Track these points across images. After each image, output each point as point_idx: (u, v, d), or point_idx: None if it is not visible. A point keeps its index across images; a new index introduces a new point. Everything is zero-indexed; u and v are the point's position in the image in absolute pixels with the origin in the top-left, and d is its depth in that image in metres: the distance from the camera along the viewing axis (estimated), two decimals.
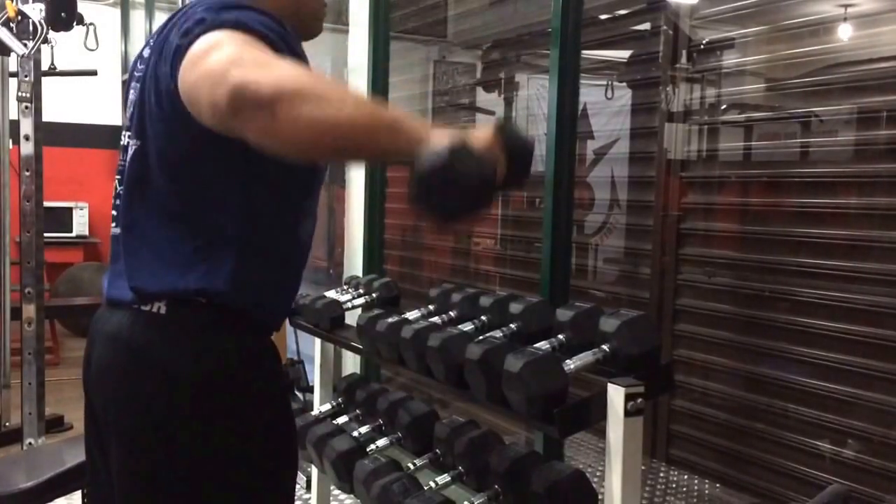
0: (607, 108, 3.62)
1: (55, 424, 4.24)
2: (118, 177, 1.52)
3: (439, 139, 1.19)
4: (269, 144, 1.20)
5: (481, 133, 1.25)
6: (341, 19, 4.34)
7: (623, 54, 3.49)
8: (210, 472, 1.42)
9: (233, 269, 1.40)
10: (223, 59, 1.21)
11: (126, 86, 1.56)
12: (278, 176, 1.43)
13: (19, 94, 3.63)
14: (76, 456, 2.25)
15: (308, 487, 3.16)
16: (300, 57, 1.38)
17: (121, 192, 1.49)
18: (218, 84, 1.18)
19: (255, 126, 1.17)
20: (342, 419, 2.65)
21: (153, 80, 1.39)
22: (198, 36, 1.28)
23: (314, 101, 1.16)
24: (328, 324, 2.64)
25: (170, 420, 1.39)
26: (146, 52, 1.48)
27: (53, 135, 4.60)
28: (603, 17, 3.49)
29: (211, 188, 1.40)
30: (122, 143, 1.53)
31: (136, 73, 1.50)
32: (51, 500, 2.20)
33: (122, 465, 1.44)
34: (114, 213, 1.52)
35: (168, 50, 1.35)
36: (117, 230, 1.50)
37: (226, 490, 1.43)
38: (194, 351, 1.41)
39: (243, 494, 1.45)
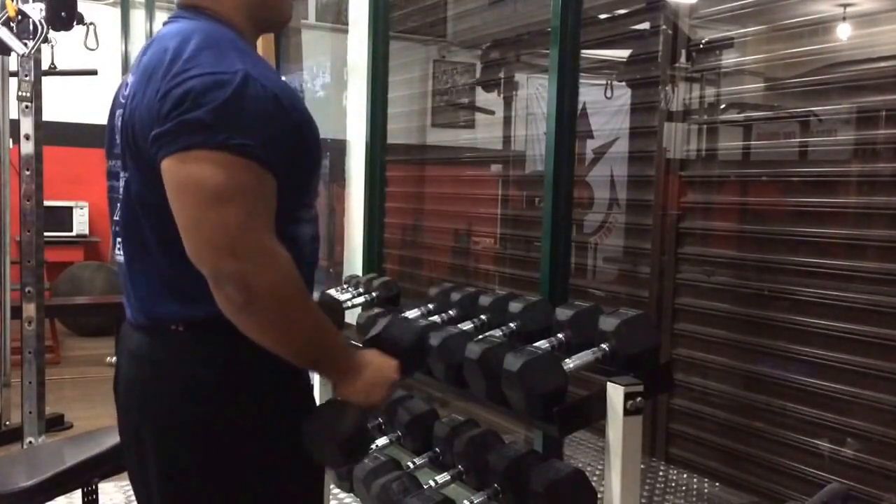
0: (607, 108, 3.62)
1: (55, 423, 4.24)
2: (116, 205, 1.52)
3: (352, 394, 1.46)
4: (226, 314, 1.34)
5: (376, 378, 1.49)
6: (341, 19, 4.35)
7: (622, 54, 3.49)
8: (239, 477, 1.43)
9: None
10: (221, 229, 1.28)
11: (111, 109, 1.55)
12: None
13: (19, 93, 3.63)
14: (76, 455, 2.26)
15: None
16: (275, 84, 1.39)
17: (119, 221, 1.50)
18: (209, 252, 1.29)
19: (222, 303, 1.32)
20: None
21: (131, 128, 1.40)
22: (196, 145, 1.29)
23: (277, 324, 1.34)
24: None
25: (195, 430, 1.41)
26: (130, 80, 1.47)
27: (54, 134, 4.60)
28: (602, 16, 3.49)
29: None
30: (110, 168, 1.52)
31: (120, 100, 1.49)
32: (50, 498, 2.20)
33: (158, 476, 1.46)
34: (116, 240, 1.52)
35: (155, 107, 1.34)
36: (121, 259, 1.51)
37: (255, 494, 1.45)
38: (215, 361, 1.43)
39: (273, 498, 1.46)
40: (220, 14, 1.48)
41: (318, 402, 1.58)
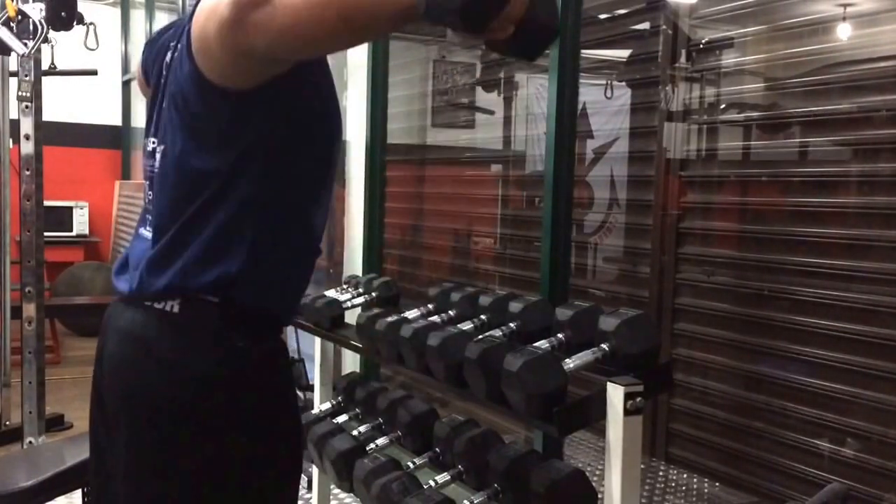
0: (607, 108, 3.62)
1: (55, 423, 4.24)
2: (147, 182, 1.54)
3: None
4: (279, 41, 1.21)
5: None
6: None
7: (622, 54, 3.50)
8: (217, 469, 1.43)
9: (245, 262, 1.41)
10: None
11: (152, 97, 1.57)
12: (293, 168, 1.45)
13: (19, 93, 3.63)
14: (76, 455, 2.25)
15: (308, 487, 3.17)
16: None
17: (150, 195, 1.52)
18: (219, 6, 1.23)
19: (260, 27, 1.19)
20: (342, 418, 2.65)
21: (174, 83, 1.42)
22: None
23: None
24: (328, 323, 2.64)
25: (179, 416, 1.41)
26: (168, 58, 1.50)
27: (54, 134, 4.61)
28: (602, 16, 3.49)
29: (225, 185, 1.41)
30: (147, 148, 1.55)
31: (160, 81, 1.52)
32: (51, 498, 2.20)
33: (130, 459, 1.45)
34: (146, 216, 1.54)
35: (183, 43, 1.39)
36: (147, 232, 1.52)
37: (232, 487, 1.44)
38: (205, 349, 1.42)
39: (249, 492, 1.46)
40: None
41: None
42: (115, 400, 1.49)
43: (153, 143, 1.52)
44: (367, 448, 2.36)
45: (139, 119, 6.68)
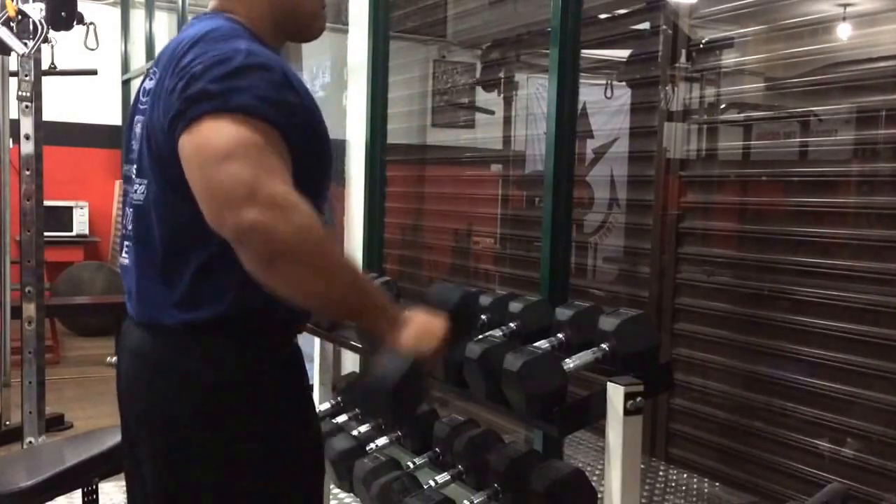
0: (607, 108, 3.62)
1: (55, 423, 4.24)
2: (128, 209, 1.52)
3: (400, 344, 1.40)
4: (257, 277, 1.29)
5: (433, 331, 1.46)
6: (341, 19, 4.35)
7: (622, 54, 3.49)
8: (236, 477, 1.43)
9: (239, 287, 1.40)
10: (236, 184, 1.25)
11: (130, 115, 1.57)
12: None
13: (20, 93, 3.63)
14: (76, 455, 2.26)
15: None
16: (294, 87, 1.39)
17: (132, 226, 1.51)
18: (228, 210, 1.25)
19: (249, 261, 1.28)
20: (342, 418, 2.65)
21: (152, 130, 1.41)
22: (203, 114, 1.30)
23: (309, 272, 1.29)
24: (328, 323, 2.64)
25: (193, 428, 1.42)
26: (149, 85, 1.48)
27: (54, 134, 4.60)
28: (602, 16, 3.49)
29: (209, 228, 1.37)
30: (126, 173, 1.54)
31: (140, 107, 1.51)
32: (51, 498, 2.20)
33: (153, 474, 1.47)
34: (125, 243, 1.53)
35: (167, 102, 1.36)
36: (128, 262, 1.52)
37: (254, 490, 1.44)
38: (214, 360, 1.43)
39: (271, 494, 1.46)
40: (242, 17, 1.49)
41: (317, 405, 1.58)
42: (132, 417, 1.52)
43: (134, 172, 1.50)
44: (367, 448, 2.36)
45: None
